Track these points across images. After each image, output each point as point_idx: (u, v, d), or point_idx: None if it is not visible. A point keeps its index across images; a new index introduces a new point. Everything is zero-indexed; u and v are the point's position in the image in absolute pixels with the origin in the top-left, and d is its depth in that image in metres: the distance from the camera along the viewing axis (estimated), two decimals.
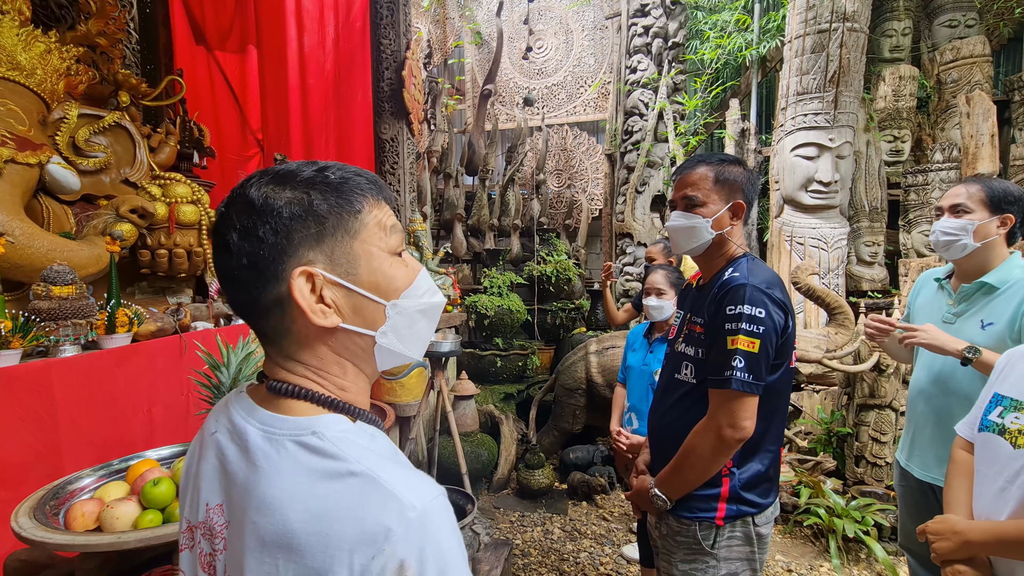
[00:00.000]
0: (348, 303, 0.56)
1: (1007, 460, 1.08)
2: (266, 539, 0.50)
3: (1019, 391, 1.12)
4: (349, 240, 0.56)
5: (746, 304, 1.14)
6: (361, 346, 0.59)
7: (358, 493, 0.49)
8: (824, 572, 2.65)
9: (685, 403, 1.28)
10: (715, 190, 1.27)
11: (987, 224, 1.53)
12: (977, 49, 4.81)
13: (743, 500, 1.22)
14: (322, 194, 0.55)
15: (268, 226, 0.53)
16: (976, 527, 1.09)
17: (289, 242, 0.53)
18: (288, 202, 0.53)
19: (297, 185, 0.54)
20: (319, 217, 0.54)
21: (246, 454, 0.54)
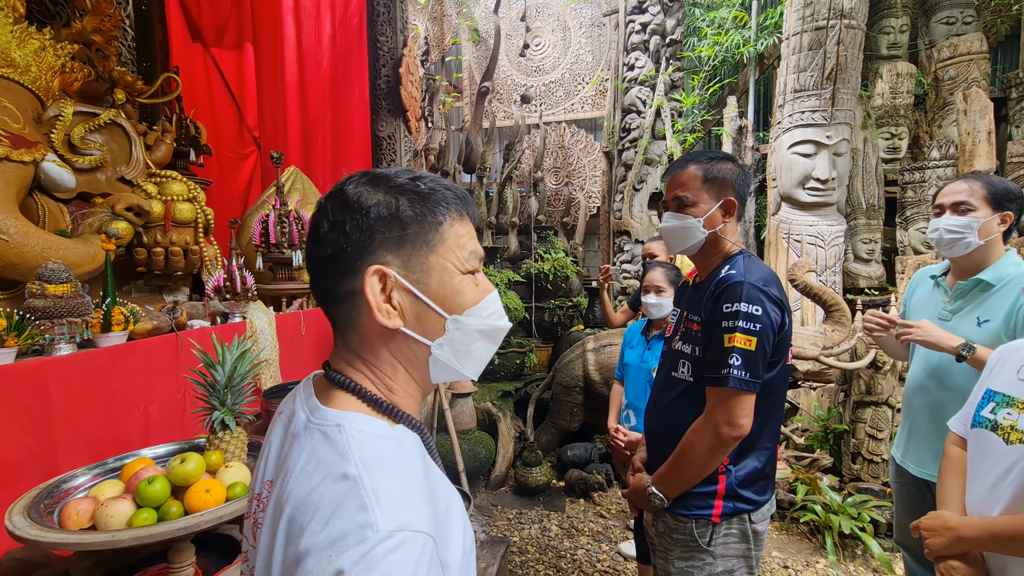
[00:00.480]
0: (413, 310, 0.59)
1: (999, 456, 1.08)
2: (275, 515, 0.52)
3: (1011, 387, 1.13)
4: (426, 250, 0.59)
5: (743, 302, 1.14)
6: (417, 354, 0.61)
7: (339, 496, 0.48)
8: (820, 568, 2.66)
9: (682, 401, 1.28)
10: (705, 189, 1.27)
11: (990, 222, 1.53)
12: (974, 46, 4.80)
13: (739, 497, 1.22)
14: (410, 201, 0.58)
15: (355, 222, 0.56)
16: (969, 523, 1.09)
17: (370, 241, 0.57)
18: (377, 203, 0.57)
19: (389, 189, 0.58)
20: (402, 223, 0.57)
21: (295, 437, 0.57)
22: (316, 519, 0.48)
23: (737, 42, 4.87)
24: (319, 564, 0.45)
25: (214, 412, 1.40)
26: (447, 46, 6.88)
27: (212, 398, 1.41)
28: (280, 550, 0.50)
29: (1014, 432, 1.06)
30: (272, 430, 0.64)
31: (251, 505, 0.63)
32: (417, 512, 0.49)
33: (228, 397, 1.41)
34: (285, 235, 3.24)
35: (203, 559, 1.25)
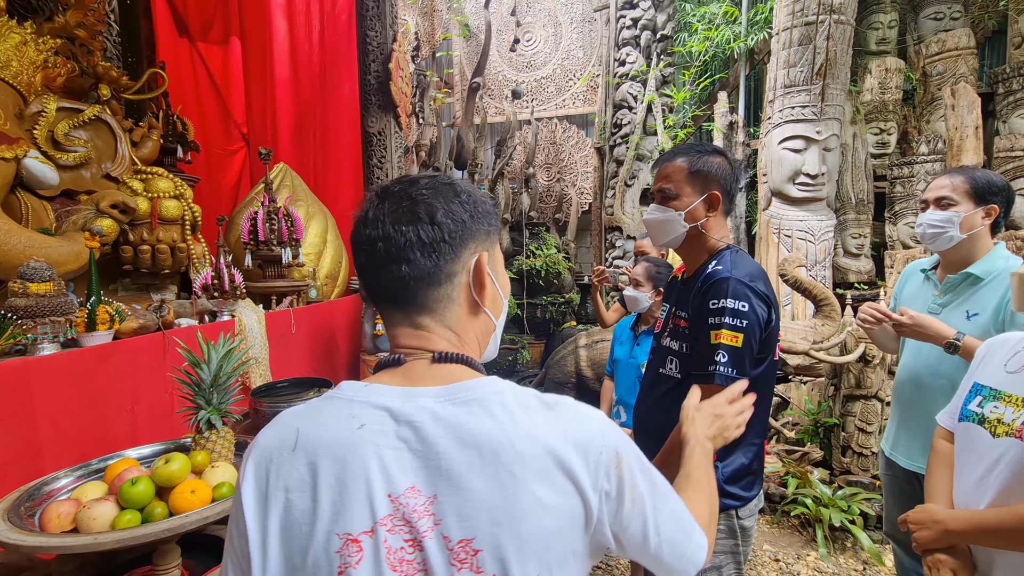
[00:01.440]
0: (491, 295, 0.68)
1: (986, 449, 1.09)
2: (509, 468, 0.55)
3: (997, 380, 1.13)
4: (497, 246, 0.71)
5: (729, 298, 1.14)
6: (487, 331, 0.70)
7: (573, 411, 0.61)
8: (811, 561, 2.68)
9: (670, 398, 1.28)
10: (689, 182, 1.26)
11: (972, 215, 1.54)
12: (962, 41, 4.84)
13: (727, 494, 1.22)
14: (488, 203, 0.69)
15: (469, 212, 0.65)
16: (956, 516, 1.10)
17: (478, 230, 0.66)
18: (484, 198, 0.68)
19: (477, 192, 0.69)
20: (491, 220, 0.68)
21: (439, 422, 0.57)
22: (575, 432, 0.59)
23: (727, 37, 4.87)
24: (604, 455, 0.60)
25: (200, 411, 1.38)
26: (437, 42, 6.84)
27: (198, 397, 1.39)
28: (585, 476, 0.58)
29: (1001, 425, 1.07)
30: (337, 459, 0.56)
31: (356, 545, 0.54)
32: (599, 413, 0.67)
33: (214, 396, 1.40)
34: (274, 232, 3.21)
35: (189, 561, 1.24)
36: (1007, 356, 1.14)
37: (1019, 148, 4.06)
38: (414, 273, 0.62)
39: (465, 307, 0.66)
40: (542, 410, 0.60)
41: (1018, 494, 1.02)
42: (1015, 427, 1.04)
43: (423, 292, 0.64)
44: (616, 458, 0.60)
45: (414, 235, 0.62)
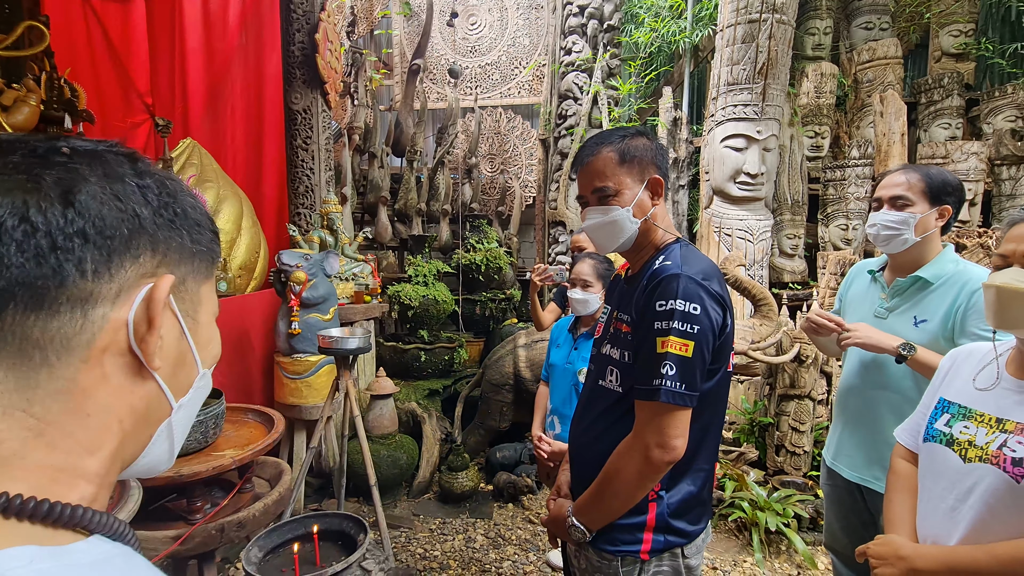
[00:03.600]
0: (174, 351, 0.42)
1: (956, 475, 0.97)
2: None
3: (967, 397, 1.01)
4: (202, 279, 0.45)
5: (679, 299, 0.95)
6: (154, 415, 0.42)
7: None
8: (747, 567, 2.62)
9: (610, 416, 1.09)
10: (625, 172, 1.08)
11: (927, 217, 1.45)
12: (890, 51, 5.02)
13: (672, 529, 1.05)
14: (200, 214, 0.44)
15: (150, 205, 0.39)
16: (923, 554, 0.97)
17: (164, 236, 0.40)
18: (191, 196, 0.44)
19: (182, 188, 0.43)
20: (195, 233, 0.43)
21: None
22: None
23: (673, 31, 4.81)
24: None
25: None
26: (376, 19, 6.42)
27: None
28: None
29: (972, 448, 0.95)
30: None
31: None
32: None
33: None
34: None
35: None
36: (975, 370, 1.03)
37: (939, 156, 4.24)
38: (12, 281, 0.33)
39: (104, 364, 0.37)
40: None
41: (994, 529, 0.90)
42: (990, 451, 0.92)
43: (13, 321, 0.33)
44: None
45: (12, 215, 0.33)
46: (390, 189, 5.13)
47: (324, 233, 3.59)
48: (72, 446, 0.36)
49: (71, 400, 0.36)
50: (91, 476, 0.37)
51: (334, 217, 3.66)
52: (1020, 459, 0.89)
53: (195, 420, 1.24)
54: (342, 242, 3.70)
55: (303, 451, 2.98)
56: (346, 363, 2.33)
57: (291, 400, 2.90)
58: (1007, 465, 0.90)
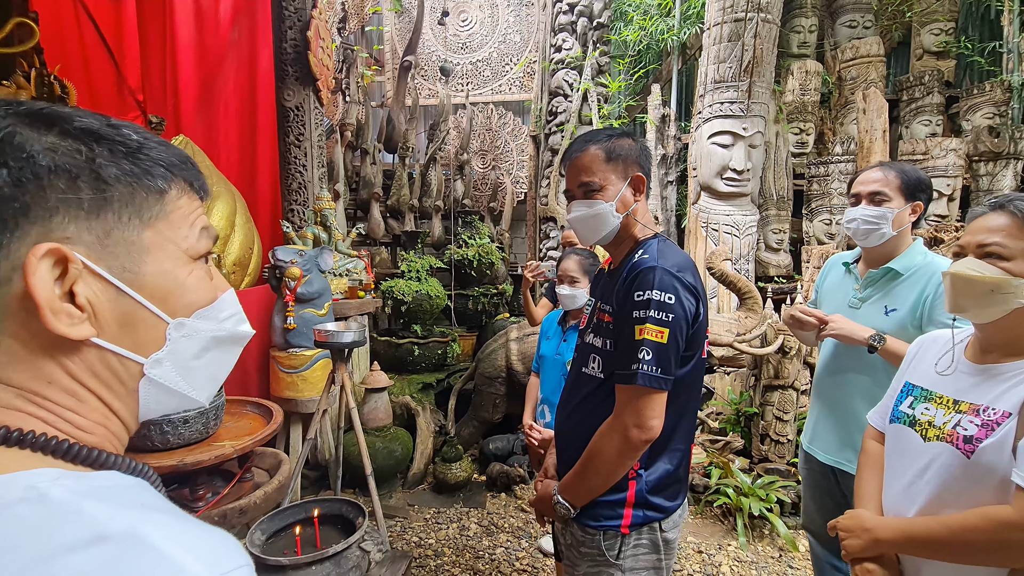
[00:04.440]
0: (115, 311, 0.41)
1: (916, 453, 1.04)
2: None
3: (929, 380, 1.09)
4: (138, 225, 0.42)
5: (655, 289, 1.03)
6: (120, 375, 0.43)
7: (113, 563, 0.31)
8: (732, 550, 2.72)
9: (592, 400, 1.16)
10: (611, 169, 1.15)
11: (902, 212, 1.54)
12: (873, 49, 5.13)
13: (650, 505, 1.12)
14: (112, 153, 0.40)
15: (6, 171, 0.36)
16: (885, 524, 1.05)
17: (39, 202, 0.37)
18: (53, 147, 0.38)
19: (72, 132, 0.39)
20: (100, 182, 0.39)
21: None
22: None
23: (661, 29, 4.88)
24: None
25: None
26: (367, 15, 6.44)
27: None
28: None
29: (932, 428, 1.02)
30: None
31: None
32: (221, 540, 0.36)
33: None
34: None
35: None
36: (937, 355, 1.11)
37: (919, 152, 4.35)
38: None
39: (30, 340, 0.38)
40: (80, 549, 0.31)
41: (947, 502, 0.98)
42: (946, 431, 1.00)
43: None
44: None
45: None
46: (382, 185, 5.18)
47: (318, 229, 3.63)
48: (52, 407, 0.40)
49: (27, 370, 0.39)
50: (87, 427, 0.41)
51: (327, 213, 3.70)
52: (970, 436, 0.96)
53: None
54: (336, 238, 3.75)
55: (299, 444, 3.04)
56: (342, 356, 2.39)
57: (287, 394, 2.95)
58: (959, 442, 0.97)
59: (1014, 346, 0.97)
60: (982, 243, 0.97)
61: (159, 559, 0.32)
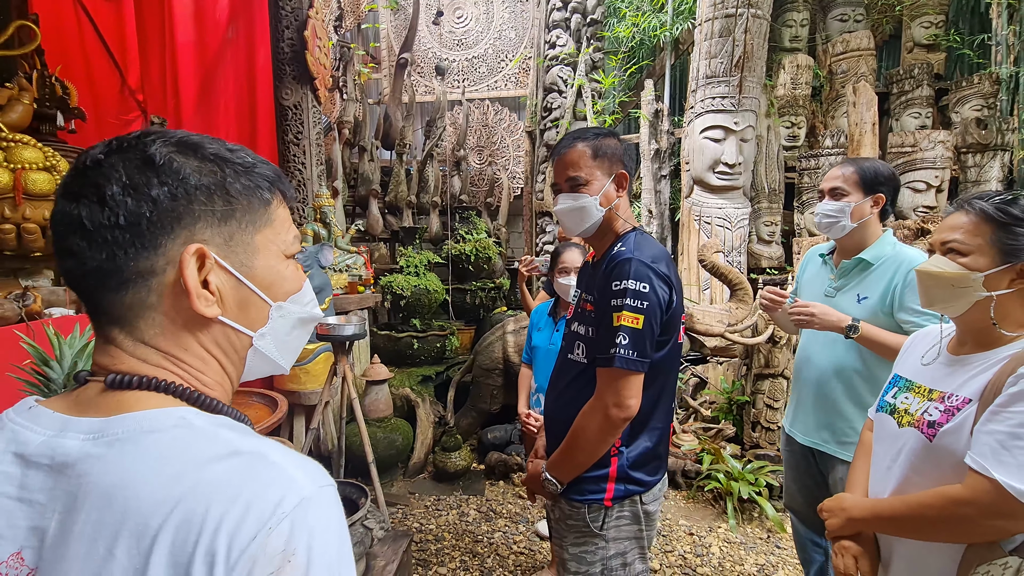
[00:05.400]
0: (235, 296, 0.53)
1: (892, 439, 1.11)
2: (108, 541, 0.41)
3: (913, 372, 1.15)
4: (252, 230, 0.53)
5: (631, 279, 1.12)
6: (235, 346, 0.55)
7: (244, 470, 0.44)
8: (722, 532, 2.82)
9: (577, 384, 1.25)
10: (596, 165, 1.24)
11: (862, 205, 1.62)
12: (863, 43, 5.19)
13: (631, 479, 1.21)
14: (235, 173, 0.52)
15: (167, 188, 0.47)
16: (859, 504, 1.12)
17: (188, 213, 0.49)
18: (197, 170, 0.49)
19: (207, 156, 0.50)
20: (228, 196, 0.51)
21: (67, 468, 0.44)
22: (221, 502, 0.41)
23: (654, 25, 4.94)
24: (256, 543, 0.40)
25: None
26: (363, 13, 6.48)
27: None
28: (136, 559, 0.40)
29: (907, 415, 1.09)
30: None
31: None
32: (316, 464, 0.48)
33: None
34: None
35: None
36: (926, 349, 1.16)
37: (908, 144, 4.42)
38: (80, 269, 0.48)
39: (175, 317, 0.50)
40: (221, 459, 0.44)
41: (914, 483, 1.04)
42: (916, 417, 1.06)
43: (102, 295, 0.49)
44: (282, 556, 0.41)
45: (79, 216, 0.46)
46: (380, 182, 5.25)
47: (317, 226, 3.71)
48: (187, 368, 0.52)
49: (168, 342, 0.51)
50: (210, 384, 0.54)
51: (327, 210, 3.78)
52: (933, 421, 1.02)
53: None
54: (335, 235, 3.82)
55: (303, 435, 3.13)
56: (343, 349, 2.47)
57: (290, 386, 3.04)
58: (924, 427, 1.04)
59: (983, 337, 1.02)
60: (944, 240, 1.04)
61: (278, 469, 0.44)
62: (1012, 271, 0.97)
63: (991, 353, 1.00)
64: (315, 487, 0.45)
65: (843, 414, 1.67)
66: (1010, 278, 0.97)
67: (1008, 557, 0.91)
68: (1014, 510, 0.86)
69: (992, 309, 0.98)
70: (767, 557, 2.60)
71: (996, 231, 0.98)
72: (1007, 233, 0.97)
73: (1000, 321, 0.99)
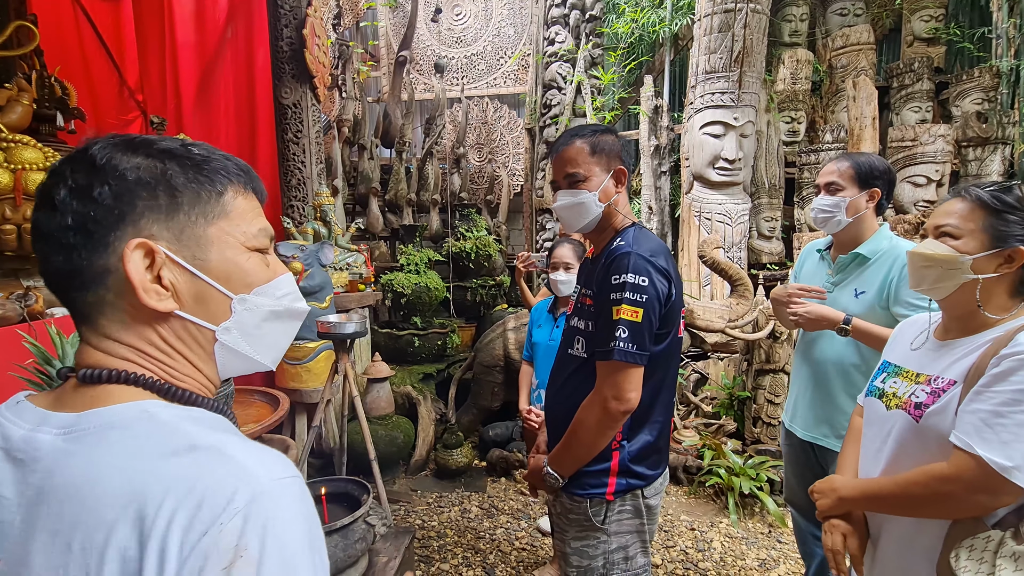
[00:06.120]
0: (191, 290, 0.53)
1: (881, 421, 1.14)
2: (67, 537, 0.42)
3: (902, 358, 1.18)
4: (204, 223, 0.53)
5: (630, 273, 1.12)
6: (200, 341, 0.55)
7: (200, 464, 0.44)
8: (723, 527, 2.82)
9: (577, 378, 1.25)
10: (595, 162, 1.24)
11: (857, 199, 1.63)
12: (863, 37, 5.17)
13: (632, 473, 1.22)
14: (180, 167, 0.52)
15: (107, 187, 0.48)
16: (849, 484, 1.16)
17: (130, 209, 0.49)
18: (136, 167, 0.50)
19: (152, 153, 0.51)
20: (172, 190, 0.51)
21: (37, 464, 0.46)
22: (174, 496, 0.42)
23: (653, 21, 4.93)
24: (208, 538, 0.41)
25: None
26: (361, 10, 6.47)
27: None
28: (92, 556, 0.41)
29: (894, 398, 1.12)
30: None
31: None
32: (277, 457, 0.48)
33: None
34: None
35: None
36: (914, 335, 1.19)
37: (908, 139, 4.41)
38: (51, 271, 0.51)
39: (134, 314, 0.51)
40: (178, 454, 0.44)
41: (903, 463, 1.07)
42: (903, 399, 1.09)
43: (70, 295, 0.51)
44: (234, 551, 0.41)
45: (37, 222, 0.50)
46: (380, 180, 5.25)
47: (318, 224, 3.71)
48: (152, 360, 0.53)
49: (138, 339, 0.52)
50: (179, 377, 0.54)
51: (327, 209, 3.78)
52: (919, 403, 1.06)
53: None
54: (335, 233, 3.83)
55: (304, 433, 3.14)
56: (344, 347, 2.48)
57: (291, 384, 3.05)
58: (911, 409, 1.07)
59: (969, 322, 1.06)
60: (938, 225, 1.08)
61: (234, 463, 0.45)
62: (1000, 256, 1.01)
63: (975, 337, 1.04)
64: (271, 480, 0.44)
65: (842, 409, 1.67)
66: (997, 263, 1.01)
67: (991, 531, 0.94)
68: (996, 485, 0.90)
69: (978, 292, 1.02)
70: (768, 552, 2.61)
71: (989, 217, 1.01)
72: (999, 220, 1.01)
73: (984, 305, 1.03)
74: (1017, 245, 0.99)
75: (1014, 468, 0.88)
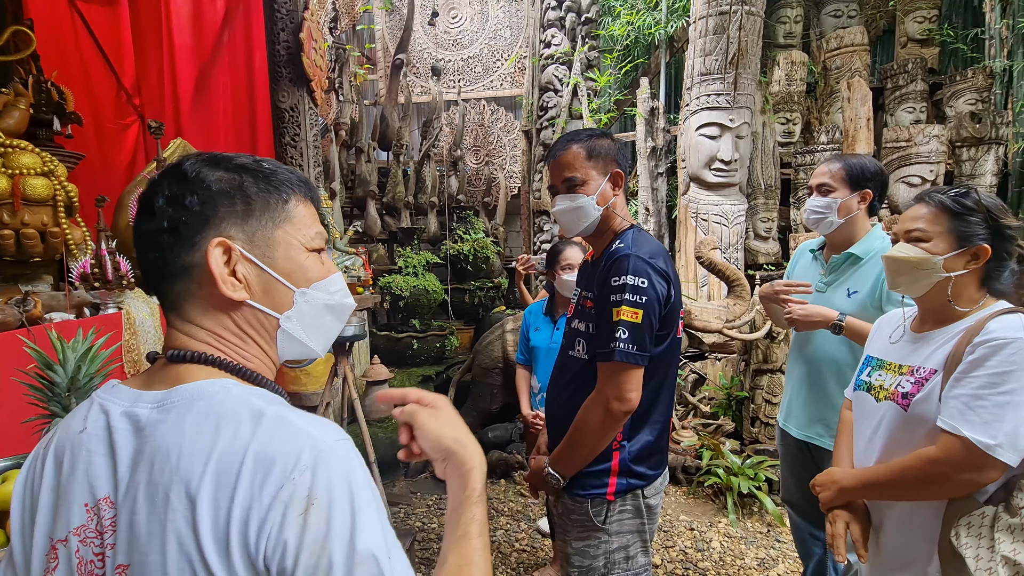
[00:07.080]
0: (259, 283, 0.61)
1: (872, 413, 1.19)
2: (165, 488, 0.51)
3: (883, 351, 1.25)
4: (272, 226, 0.62)
5: (629, 275, 1.14)
6: (266, 326, 0.63)
7: (269, 431, 0.52)
8: (722, 527, 2.83)
9: (579, 380, 1.26)
10: (591, 166, 1.26)
11: (849, 200, 1.65)
12: (857, 38, 5.21)
13: (633, 473, 1.23)
14: (254, 179, 0.61)
15: (195, 196, 0.58)
16: (848, 474, 1.21)
17: (213, 214, 0.58)
18: (219, 179, 0.59)
19: (231, 167, 0.60)
20: (247, 198, 0.60)
21: (139, 431, 0.55)
22: (251, 457, 0.50)
23: (649, 23, 4.96)
24: (284, 490, 0.49)
25: (55, 420, 1.21)
26: (358, 14, 6.48)
27: (52, 404, 1.22)
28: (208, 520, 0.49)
29: (882, 391, 1.18)
30: (58, 463, 0.58)
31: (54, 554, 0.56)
32: (332, 424, 0.56)
33: (73, 402, 1.23)
34: None
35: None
36: (891, 329, 1.25)
37: (903, 139, 4.44)
38: (147, 266, 0.60)
39: (213, 302, 0.60)
40: (251, 421, 0.53)
41: (895, 452, 1.12)
42: (891, 390, 1.15)
43: (161, 287, 0.60)
44: (307, 499, 0.49)
45: (138, 226, 0.60)
46: (378, 183, 5.26)
47: None
48: (227, 344, 0.61)
49: (214, 324, 0.60)
50: (249, 358, 0.62)
51: (324, 212, 3.78)
52: (906, 393, 1.12)
53: None
54: (333, 236, 3.83)
55: None
56: (343, 350, 2.49)
57: (291, 388, 3.05)
58: (898, 399, 1.13)
59: (942, 315, 1.14)
60: (908, 229, 1.15)
61: (297, 428, 0.53)
62: (967, 254, 1.09)
63: (948, 328, 1.12)
64: (331, 440, 0.53)
65: (836, 407, 1.68)
66: (965, 260, 1.09)
67: (984, 507, 1.01)
68: (982, 462, 0.97)
69: (950, 288, 1.10)
70: (767, 551, 2.62)
71: (952, 220, 1.09)
72: (961, 222, 1.09)
73: (955, 299, 1.11)
74: (980, 243, 1.07)
75: (996, 445, 0.95)
